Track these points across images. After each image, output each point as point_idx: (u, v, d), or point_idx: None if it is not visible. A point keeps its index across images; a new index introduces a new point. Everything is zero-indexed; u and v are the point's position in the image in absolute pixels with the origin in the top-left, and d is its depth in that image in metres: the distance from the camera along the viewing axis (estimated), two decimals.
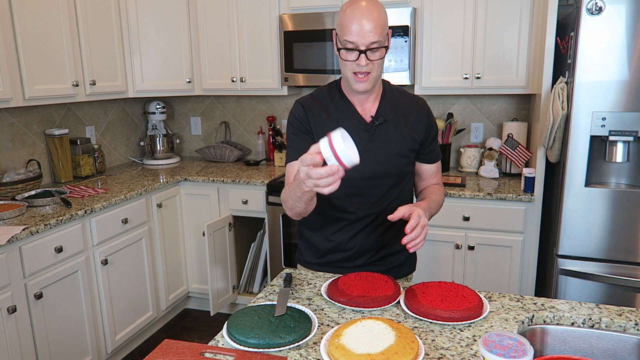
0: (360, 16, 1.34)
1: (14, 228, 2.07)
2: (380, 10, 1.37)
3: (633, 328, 1.22)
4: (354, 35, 1.35)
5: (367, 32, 1.34)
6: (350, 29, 1.35)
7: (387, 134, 1.49)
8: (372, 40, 1.35)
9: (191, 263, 3.23)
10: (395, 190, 1.53)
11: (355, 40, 1.35)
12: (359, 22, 1.34)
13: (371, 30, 1.34)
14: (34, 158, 2.81)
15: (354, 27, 1.34)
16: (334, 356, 1.04)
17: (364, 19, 1.34)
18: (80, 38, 2.71)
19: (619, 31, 2.00)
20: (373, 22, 1.34)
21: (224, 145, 3.53)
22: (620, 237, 2.14)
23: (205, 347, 1.10)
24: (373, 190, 1.50)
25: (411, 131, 1.51)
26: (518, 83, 2.71)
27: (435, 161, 1.61)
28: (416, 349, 1.03)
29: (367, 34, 1.34)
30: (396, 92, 1.55)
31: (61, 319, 2.29)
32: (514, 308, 1.30)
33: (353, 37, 1.35)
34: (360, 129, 1.47)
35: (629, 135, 2.05)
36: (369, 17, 1.34)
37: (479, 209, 2.60)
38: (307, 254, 1.65)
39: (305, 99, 1.54)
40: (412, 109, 1.53)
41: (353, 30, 1.34)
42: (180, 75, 3.25)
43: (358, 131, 1.46)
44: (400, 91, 1.57)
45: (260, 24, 3.09)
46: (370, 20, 1.34)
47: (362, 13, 1.34)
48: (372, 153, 1.46)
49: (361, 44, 1.35)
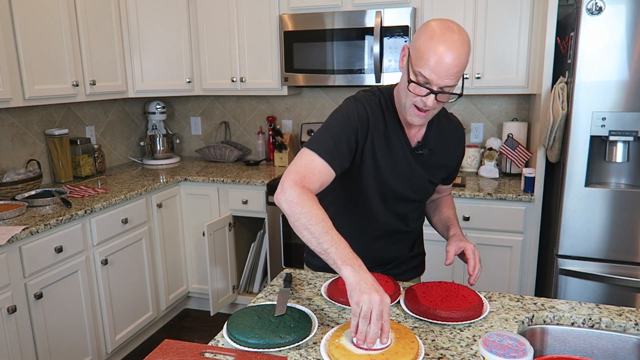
0: (445, 54, 1.18)
1: (14, 228, 2.07)
2: (467, 50, 1.21)
3: (633, 328, 1.22)
4: (431, 73, 1.20)
5: (447, 74, 1.20)
6: (428, 62, 1.20)
7: (427, 163, 1.45)
8: (449, 84, 1.22)
9: (191, 263, 3.23)
10: (419, 209, 1.57)
11: (430, 79, 1.21)
12: (442, 58, 1.18)
13: (452, 74, 1.20)
14: (34, 158, 2.81)
15: (433, 62, 1.19)
16: (334, 356, 1.04)
17: (449, 58, 1.18)
18: (80, 38, 2.71)
19: (619, 31, 2.00)
20: (458, 65, 1.20)
21: (224, 145, 3.53)
22: (620, 237, 2.14)
23: (205, 347, 1.10)
24: (403, 211, 1.50)
25: (447, 162, 1.51)
26: (518, 83, 2.71)
27: (452, 183, 1.67)
28: (416, 349, 1.03)
29: (447, 77, 1.21)
30: (442, 118, 1.49)
31: (61, 319, 2.29)
32: (514, 308, 1.30)
33: (430, 74, 1.21)
34: (406, 152, 1.41)
35: (629, 135, 2.05)
36: (454, 58, 1.19)
37: (479, 209, 2.60)
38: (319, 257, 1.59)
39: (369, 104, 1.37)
40: (452, 138, 1.51)
41: (432, 66, 1.20)
42: (180, 75, 3.25)
43: (404, 155, 1.41)
44: (444, 115, 1.51)
45: (260, 24, 3.09)
46: (456, 63, 1.19)
47: (449, 51, 1.18)
48: (410, 178, 1.44)
49: (436, 84, 1.22)
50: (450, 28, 1.21)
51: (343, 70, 2.91)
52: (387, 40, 2.79)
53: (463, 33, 1.22)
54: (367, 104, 1.37)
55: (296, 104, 3.52)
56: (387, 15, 2.77)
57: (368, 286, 1.04)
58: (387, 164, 1.40)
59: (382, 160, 1.39)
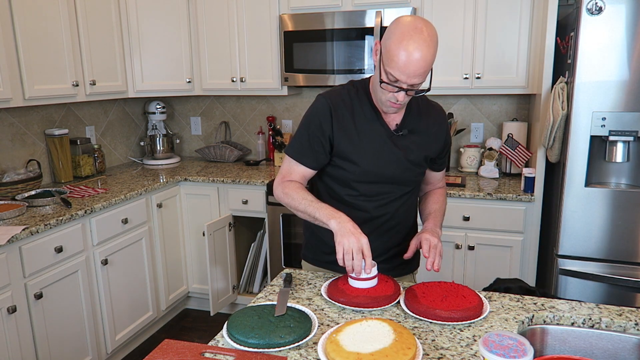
0: (411, 56, 1.26)
1: (14, 228, 2.07)
2: (434, 49, 1.29)
3: (633, 328, 1.22)
4: (400, 72, 1.29)
5: (415, 74, 1.29)
6: (397, 64, 1.28)
7: (409, 144, 1.49)
8: (417, 82, 1.31)
9: (191, 263, 3.23)
10: (407, 195, 1.57)
11: (400, 78, 1.30)
12: (409, 60, 1.26)
13: (419, 74, 1.29)
14: (34, 158, 2.81)
15: (401, 64, 1.27)
16: (326, 350, 1.05)
17: (416, 60, 1.26)
18: (80, 38, 2.71)
19: (619, 31, 2.00)
20: (424, 65, 1.28)
21: (224, 145, 3.53)
22: (620, 237, 2.14)
23: (205, 347, 1.10)
24: (388, 194, 1.52)
25: (431, 143, 1.54)
26: (518, 83, 2.71)
27: (443, 169, 1.68)
28: (410, 356, 1.02)
29: (415, 77, 1.29)
30: (421, 102, 1.54)
31: (61, 319, 2.29)
32: (514, 308, 1.30)
33: (399, 73, 1.29)
34: (384, 136, 1.47)
35: (629, 135, 2.05)
36: (420, 59, 1.26)
37: (479, 209, 2.60)
38: (315, 251, 1.65)
39: (332, 97, 1.48)
40: (434, 120, 1.54)
41: (400, 66, 1.28)
42: (180, 75, 3.25)
43: (381, 137, 1.47)
44: (424, 100, 1.56)
45: (260, 24, 3.09)
46: (422, 64, 1.27)
47: (414, 52, 1.25)
48: (393, 160, 1.48)
49: (404, 82, 1.31)
50: (418, 29, 1.27)
51: (343, 70, 2.91)
52: None
53: (431, 31, 1.28)
54: (328, 98, 1.48)
55: (296, 104, 3.52)
56: (387, 15, 2.77)
57: (347, 231, 1.29)
58: (361, 147, 1.45)
59: (355, 144, 1.45)
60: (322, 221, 1.36)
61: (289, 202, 1.45)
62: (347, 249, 1.27)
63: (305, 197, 1.41)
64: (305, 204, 1.40)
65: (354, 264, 1.27)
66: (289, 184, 1.47)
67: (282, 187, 1.48)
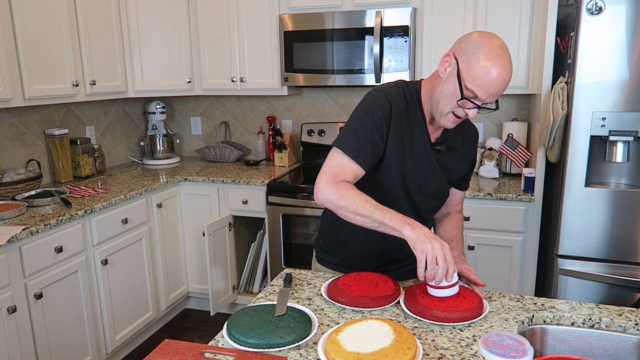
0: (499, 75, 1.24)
1: (14, 228, 2.07)
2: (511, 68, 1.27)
3: (633, 328, 1.22)
4: (483, 91, 1.25)
5: (496, 94, 1.27)
6: (483, 81, 1.24)
7: (444, 160, 1.47)
8: (492, 101, 1.29)
9: (191, 263, 3.23)
10: (437, 209, 1.57)
11: (480, 95, 1.26)
12: (497, 79, 1.24)
13: (499, 93, 1.27)
14: (34, 158, 2.81)
15: (487, 81, 1.24)
16: (326, 350, 1.05)
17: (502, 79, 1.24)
18: (80, 38, 2.71)
19: (619, 31, 2.00)
20: (505, 86, 1.26)
21: (224, 145, 3.53)
22: (620, 237, 2.14)
23: (205, 347, 1.10)
24: (422, 205, 1.50)
25: (463, 162, 1.53)
26: (518, 83, 2.71)
27: (466, 189, 1.66)
28: (410, 356, 1.02)
29: (495, 95, 1.27)
30: None
31: (61, 319, 2.29)
32: (514, 308, 1.30)
33: (481, 91, 1.25)
34: (426, 146, 1.44)
35: (629, 135, 2.05)
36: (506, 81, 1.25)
37: (479, 209, 2.60)
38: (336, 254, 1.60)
39: (392, 95, 1.40)
40: (469, 140, 1.53)
41: (485, 84, 1.24)
42: (180, 75, 3.25)
43: (425, 148, 1.44)
44: None
45: (260, 24, 3.09)
46: (505, 84, 1.26)
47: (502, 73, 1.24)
48: (430, 172, 1.45)
49: (481, 100, 1.27)
50: (504, 48, 1.26)
51: (343, 70, 2.91)
52: (387, 40, 2.79)
53: (509, 52, 1.27)
54: (389, 95, 1.39)
55: (296, 104, 3.52)
56: (387, 15, 2.77)
57: (427, 237, 1.19)
58: (408, 155, 1.42)
59: (404, 150, 1.41)
60: (393, 227, 1.23)
61: (347, 205, 1.27)
62: (431, 257, 1.17)
63: (368, 201, 1.27)
64: (370, 208, 1.25)
65: (439, 273, 1.18)
66: (344, 185, 1.31)
67: (336, 188, 1.30)
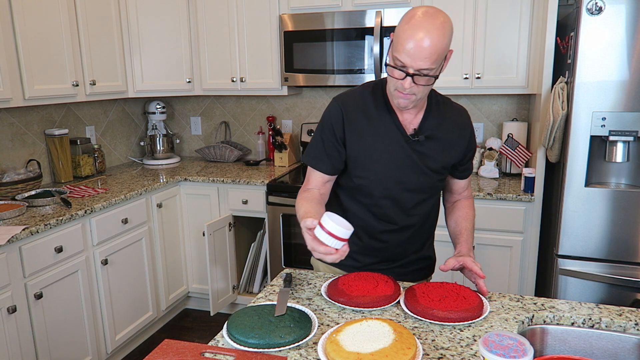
0: (417, 37, 1.21)
1: (14, 228, 2.07)
2: (442, 34, 1.22)
3: (633, 328, 1.22)
4: (405, 56, 1.23)
5: (420, 56, 1.22)
6: (403, 47, 1.23)
7: (427, 150, 1.43)
8: (423, 67, 1.24)
9: (191, 263, 3.23)
10: (427, 202, 1.52)
11: (405, 62, 1.24)
12: (415, 43, 1.21)
13: (425, 57, 1.22)
14: (34, 158, 2.81)
15: (408, 47, 1.22)
16: (326, 350, 1.05)
17: (421, 41, 1.21)
18: (80, 38, 2.71)
19: (619, 31, 2.00)
20: (431, 47, 1.21)
21: (224, 145, 3.53)
22: (620, 237, 2.14)
23: (205, 347, 1.10)
24: (407, 202, 1.48)
25: (451, 150, 1.47)
26: (518, 83, 2.71)
27: (468, 177, 1.60)
28: (410, 356, 1.02)
29: (420, 60, 1.23)
30: (442, 105, 1.48)
31: (61, 319, 2.29)
32: (514, 308, 1.30)
33: (404, 57, 1.24)
34: (401, 140, 1.42)
35: (629, 135, 2.05)
36: (427, 42, 1.21)
37: (479, 209, 2.59)
38: None
39: (345, 99, 1.45)
40: (455, 125, 1.47)
41: (406, 49, 1.22)
42: (180, 75, 3.25)
43: (398, 142, 1.41)
44: (445, 102, 1.49)
45: (260, 24, 3.09)
46: (428, 45, 1.21)
47: (421, 34, 1.21)
48: (408, 166, 1.43)
49: (410, 66, 1.24)
50: (429, 14, 1.24)
51: (343, 70, 2.91)
52: (387, 40, 2.79)
53: (444, 19, 1.24)
54: (340, 100, 1.45)
55: (296, 104, 3.52)
56: (387, 15, 2.77)
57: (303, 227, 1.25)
58: (378, 153, 1.42)
59: (370, 148, 1.42)
60: None
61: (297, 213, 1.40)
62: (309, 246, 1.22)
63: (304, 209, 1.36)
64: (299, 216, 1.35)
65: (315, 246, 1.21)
66: (302, 196, 1.44)
67: (298, 199, 1.45)
